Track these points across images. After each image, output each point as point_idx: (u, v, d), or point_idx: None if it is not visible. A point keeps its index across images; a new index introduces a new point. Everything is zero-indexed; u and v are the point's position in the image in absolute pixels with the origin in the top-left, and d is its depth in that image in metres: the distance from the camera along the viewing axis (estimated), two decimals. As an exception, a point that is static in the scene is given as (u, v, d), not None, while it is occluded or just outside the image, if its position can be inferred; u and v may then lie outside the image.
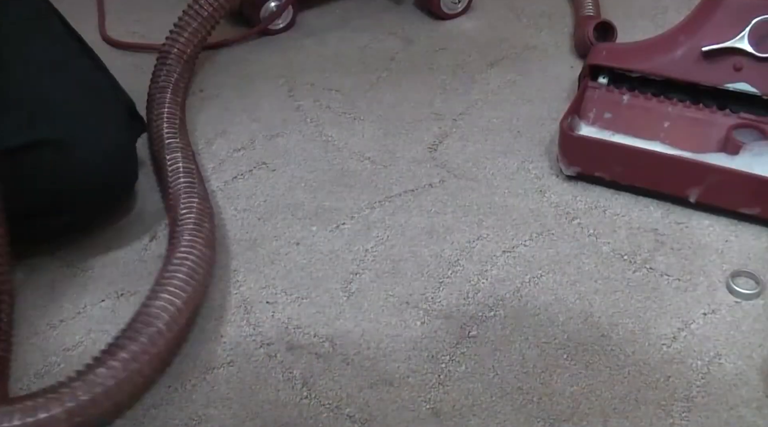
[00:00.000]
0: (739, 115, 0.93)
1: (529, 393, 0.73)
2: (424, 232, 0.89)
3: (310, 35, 1.24)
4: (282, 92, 1.12)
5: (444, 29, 1.25)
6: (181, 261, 0.76)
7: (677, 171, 0.89)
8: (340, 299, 0.82)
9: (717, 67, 0.91)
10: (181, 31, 1.08)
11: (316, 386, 0.74)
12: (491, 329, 0.79)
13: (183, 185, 0.88)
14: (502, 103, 1.09)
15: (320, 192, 0.95)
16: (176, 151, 0.92)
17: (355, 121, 1.07)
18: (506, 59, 1.17)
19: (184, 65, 1.06)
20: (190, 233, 0.80)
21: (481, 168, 0.98)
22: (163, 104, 1.00)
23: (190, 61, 1.09)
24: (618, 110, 0.97)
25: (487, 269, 0.85)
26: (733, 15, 0.90)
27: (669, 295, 0.81)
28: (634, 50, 0.97)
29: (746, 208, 0.87)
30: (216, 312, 0.81)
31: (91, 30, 1.26)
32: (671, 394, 0.72)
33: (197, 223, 0.82)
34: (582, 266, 0.85)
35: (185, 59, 1.07)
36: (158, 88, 1.02)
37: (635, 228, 0.89)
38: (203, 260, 0.78)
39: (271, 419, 0.72)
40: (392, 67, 1.17)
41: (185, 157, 0.92)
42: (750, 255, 0.85)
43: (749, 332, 0.77)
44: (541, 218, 0.91)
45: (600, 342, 0.77)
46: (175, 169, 0.90)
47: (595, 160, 0.92)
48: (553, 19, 1.26)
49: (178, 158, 0.91)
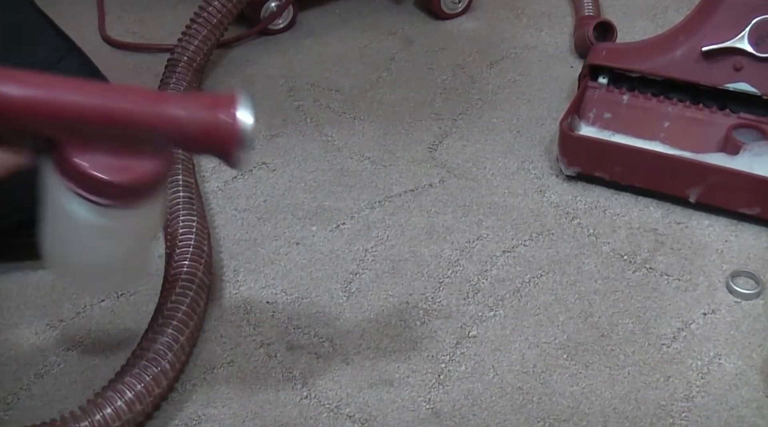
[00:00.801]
0: (739, 115, 0.93)
1: (529, 393, 0.73)
2: (424, 232, 0.89)
3: (310, 35, 1.24)
4: (282, 92, 1.12)
5: (444, 29, 1.25)
6: (183, 291, 0.75)
7: (677, 171, 0.89)
8: (340, 299, 0.82)
9: (717, 67, 0.91)
10: (192, 39, 1.08)
11: (316, 386, 0.74)
12: (491, 329, 0.79)
13: (182, 200, 0.85)
14: (502, 103, 1.09)
15: (320, 192, 0.95)
16: (176, 163, 0.90)
17: (355, 121, 1.07)
18: (506, 59, 1.17)
19: (194, 74, 1.06)
20: (192, 259, 0.78)
21: (481, 168, 0.98)
22: None
23: (200, 69, 1.09)
24: (618, 110, 0.97)
25: (487, 269, 0.85)
26: (733, 15, 0.90)
27: (669, 295, 0.81)
28: (634, 50, 0.97)
29: (746, 208, 0.87)
30: (216, 312, 0.81)
31: (91, 30, 1.26)
32: (671, 394, 0.72)
33: (197, 247, 0.80)
34: (582, 266, 0.85)
35: (194, 67, 1.07)
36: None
37: (635, 228, 0.89)
38: (203, 289, 0.77)
39: (271, 419, 0.72)
40: (392, 67, 1.17)
41: (185, 170, 0.90)
42: (750, 255, 0.85)
43: (749, 332, 0.77)
44: (541, 218, 0.91)
45: (600, 342, 0.77)
46: (174, 181, 0.88)
47: (595, 160, 0.92)
48: (553, 19, 1.26)
49: (177, 170, 0.89)
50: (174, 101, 0.53)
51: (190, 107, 0.52)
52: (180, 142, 0.54)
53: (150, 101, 0.52)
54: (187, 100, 0.53)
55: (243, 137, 0.52)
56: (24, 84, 0.50)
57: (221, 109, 0.52)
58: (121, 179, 0.51)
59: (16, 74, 0.50)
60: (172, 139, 0.53)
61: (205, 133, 0.52)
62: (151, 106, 0.52)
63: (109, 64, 0.93)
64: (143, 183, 0.53)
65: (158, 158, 0.53)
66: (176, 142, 0.54)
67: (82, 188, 0.51)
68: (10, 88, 0.49)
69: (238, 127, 0.52)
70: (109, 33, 1.25)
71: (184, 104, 0.52)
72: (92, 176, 0.51)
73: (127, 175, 0.52)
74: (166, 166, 0.54)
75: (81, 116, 0.50)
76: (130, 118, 0.51)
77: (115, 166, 0.51)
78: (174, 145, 0.54)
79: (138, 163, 0.52)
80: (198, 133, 0.52)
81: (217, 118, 0.52)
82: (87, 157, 0.51)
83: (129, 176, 0.52)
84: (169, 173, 0.55)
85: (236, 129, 0.52)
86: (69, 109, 0.50)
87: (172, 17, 1.28)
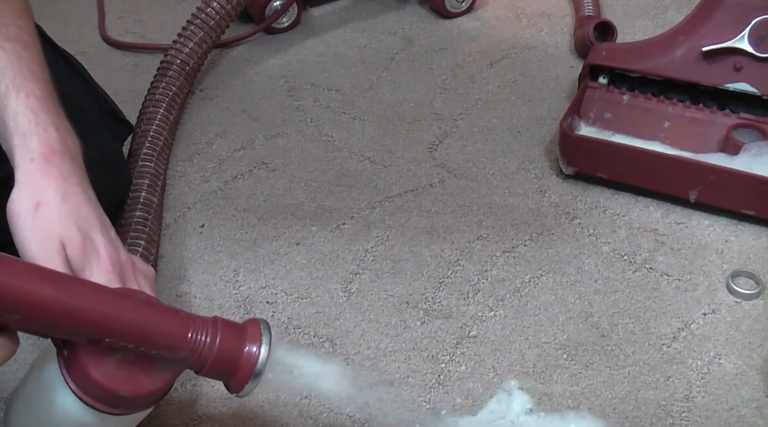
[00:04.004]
0: (739, 115, 0.93)
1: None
2: (424, 232, 0.89)
3: (311, 35, 1.25)
4: (282, 92, 1.12)
5: (444, 29, 1.25)
6: None
7: (677, 171, 0.89)
8: (340, 299, 0.82)
9: (717, 67, 0.91)
10: (186, 41, 1.07)
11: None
12: (491, 329, 0.79)
13: (136, 219, 0.83)
14: (502, 103, 1.09)
15: (320, 192, 0.95)
16: (143, 178, 0.88)
17: (355, 121, 1.07)
18: (506, 59, 1.17)
19: (185, 77, 1.05)
20: None
21: (481, 168, 0.98)
22: (152, 121, 0.97)
23: (192, 73, 1.08)
24: (618, 110, 0.97)
25: (487, 269, 0.85)
26: (733, 15, 0.90)
27: (669, 295, 0.81)
28: (634, 50, 0.97)
29: (746, 208, 0.87)
30: (216, 312, 0.81)
31: (91, 30, 1.27)
32: (671, 394, 0.72)
33: None
34: (582, 266, 0.85)
35: (187, 71, 1.06)
36: (153, 102, 1.00)
37: (635, 228, 0.89)
38: None
39: (271, 419, 0.72)
40: (392, 67, 1.17)
41: (150, 187, 0.88)
42: (750, 255, 0.85)
43: (749, 332, 0.77)
44: (541, 218, 0.91)
45: (600, 342, 0.77)
46: (135, 198, 0.85)
47: (595, 160, 0.92)
48: (553, 19, 1.26)
49: (142, 186, 0.87)
50: (202, 328, 0.52)
51: (215, 336, 0.52)
52: (196, 366, 0.53)
53: (181, 325, 0.52)
54: (215, 328, 0.52)
55: (259, 371, 0.53)
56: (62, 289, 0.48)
57: (246, 342, 0.52)
58: (129, 393, 0.51)
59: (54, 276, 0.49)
60: (192, 363, 0.52)
61: (226, 363, 0.52)
62: (181, 330, 0.51)
63: (109, 64, 0.93)
64: (148, 398, 0.52)
65: (167, 375, 0.52)
66: (193, 366, 0.53)
67: (84, 391, 0.50)
68: (49, 291, 0.47)
69: (258, 362, 0.52)
70: (109, 33, 1.25)
71: (211, 332, 0.52)
72: (102, 385, 0.50)
73: (136, 389, 0.51)
74: (173, 381, 0.53)
75: (112, 332, 0.49)
76: (159, 340, 0.50)
77: (126, 378, 0.50)
78: (189, 367, 0.53)
79: (147, 378, 0.51)
80: (218, 363, 0.52)
81: (241, 353, 0.52)
82: (100, 364, 0.50)
83: (137, 390, 0.51)
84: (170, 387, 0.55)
85: (255, 363, 0.52)
86: (103, 322, 0.49)
87: (172, 17, 1.29)
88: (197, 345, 0.51)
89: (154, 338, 0.50)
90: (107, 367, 0.50)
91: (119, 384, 0.50)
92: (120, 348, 0.50)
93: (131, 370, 0.50)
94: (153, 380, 0.51)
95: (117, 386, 0.50)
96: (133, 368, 0.50)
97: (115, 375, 0.50)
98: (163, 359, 0.51)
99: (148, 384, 0.51)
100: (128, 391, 0.50)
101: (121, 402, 0.51)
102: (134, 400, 0.52)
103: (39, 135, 0.60)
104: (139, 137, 0.95)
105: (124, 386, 0.50)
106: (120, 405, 0.52)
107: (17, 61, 0.64)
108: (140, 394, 0.51)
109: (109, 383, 0.50)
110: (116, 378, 0.50)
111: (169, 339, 0.51)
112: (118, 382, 0.50)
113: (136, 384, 0.51)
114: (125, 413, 0.53)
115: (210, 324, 0.52)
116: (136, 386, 0.51)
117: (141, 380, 0.51)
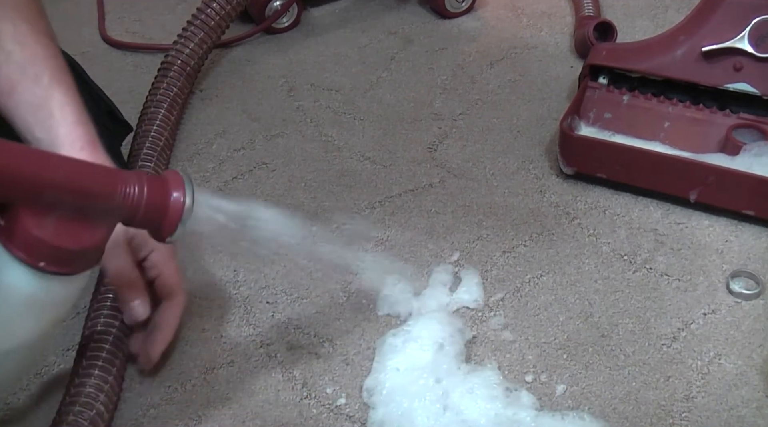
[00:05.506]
0: (739, 115, 0.93)
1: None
2: (424, 232, 0.89)
3: (311, 35, 1.25)
4: (282, 92, 1.12)
5: (444, 29, 1.25)
6: (106, 329, 0.73)
7: (677, 171, 0.89)
8: (340, 299, 0.82)
9: (717, 67, 0.91)
10: (187, 42, 1.07)
11: (316, 386, 0.74)
12: (491, 328, 0.79)
13: None
14: (502, 103, 1.09)
15: (320, 192, 0.95)
16: None
17: (355, 121, 1.07)
18: (506, 59, 1.17)
19: (186, 78, 1.05)
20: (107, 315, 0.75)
21: (480, 168, 0.98)
22: (153, 121, 0.97)
23: (193, 73, 1.08)
24: (618, 110, 0.97)
25: (487, 269, 0.85)
26: (733, 15, 0.90)
27: (669, 295, 0.81)
28: (634, 50, 0.97)
29: (746, 208, 0.87)
30: (216, 312, 0.81)
31: (91, 30, 1.27)
32: (671, 394, 0.72)
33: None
34: (582, 266, 0.85)
35: (188, 72, 1.06)
36: (155, 102, 1.00)
37: (635, 228, 0.89)
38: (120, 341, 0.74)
39: (271, 419, 0.72)
40: (392, 67, 1.17)
41: None
42: (750, 255, 0.85)
43: (749, 332, 0.77)
44: (541, 218, 0.91)
45: (600, 342, 0.77)
46: None
47: (595, 160, 0.92)
48: (553, 19, 1.26)
49: None
50: (130, 180, 0.56)
51: (143, 185, 0.56)
52: (129, 216, 0.56)
53: (111, 176, 0.55)
54: (140, 179, 0.56)
55: (185, 217, 0.57)
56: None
57: (171, 190, 0.57)
58: (71, 245, 0.53)
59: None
60: (124, 214, 0.56)
61: (155, 210, 0.57)
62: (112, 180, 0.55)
63: (109, 64, 0.93)
64: (90, 250, 0.55)
65: (103, 228, 0.56)
66: (125, 217, 0.57)
67: (27, 253, 0.52)
68: None
69: (183, 209, 0.57)
70: (109, 33, 1.25)
71: (138, 183, 0.56)
72: (45, 241, 0.52)
73: (78, 242, 0.54)
74: (109, 234, 0.57)
75: (52, 184, 0.52)
76: (93, 189, 0.54)
77: (67, 232, 0.53)
78: (121, 219, 0.57)
79: (87, 231, 0.54)
80: (149, 211, 0.56)
81: (167, 199, 0.57)
82: (40, 223, 0.52)
83: (79, 243, 0.54)
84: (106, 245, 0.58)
85: (181, 207, 0.57)
86: (41, 176, 0.51)
87: (172, 17, 1.29)
88: (128, 195, 0.55)
89: (88, 188, 0.53)
90: (48, 224, 0.52)
91: (61, 239, 0.53)
92: (57, 204, 0.52)
93: (70, 225, 0.53)
94: (92, 232, 0.55)
95: (60, 241, 0.53)
96: (72, 224, 0.53)
97: (56, 231, 0.53)
98: (97, 211, 0.55)
99: (88, 237, 0.54)
100: (71, 244, 0.53)
101: (66, 258, 0.54)
102: (77, 254, 0.54)
103: (84, 125, 0.67)
104: (140, 138, 0.95)
105: (66, 240, 0.53)
106: (65, 262, 0.54)
107: (53, 54, 0.69)
108: (83, 246, 0.54)
109: (52, 239, 0.52)
110: (58, 233, 0.53)
111: (102, 187, 0.54)
112: (61, 237, 0.53)
113: (78, 237, 0.54)
114: (70, 272, 0.55)
115: (135, 176, 0.56)
116: (78, 239, 0.54)
117: (81, 233, 0.54)
